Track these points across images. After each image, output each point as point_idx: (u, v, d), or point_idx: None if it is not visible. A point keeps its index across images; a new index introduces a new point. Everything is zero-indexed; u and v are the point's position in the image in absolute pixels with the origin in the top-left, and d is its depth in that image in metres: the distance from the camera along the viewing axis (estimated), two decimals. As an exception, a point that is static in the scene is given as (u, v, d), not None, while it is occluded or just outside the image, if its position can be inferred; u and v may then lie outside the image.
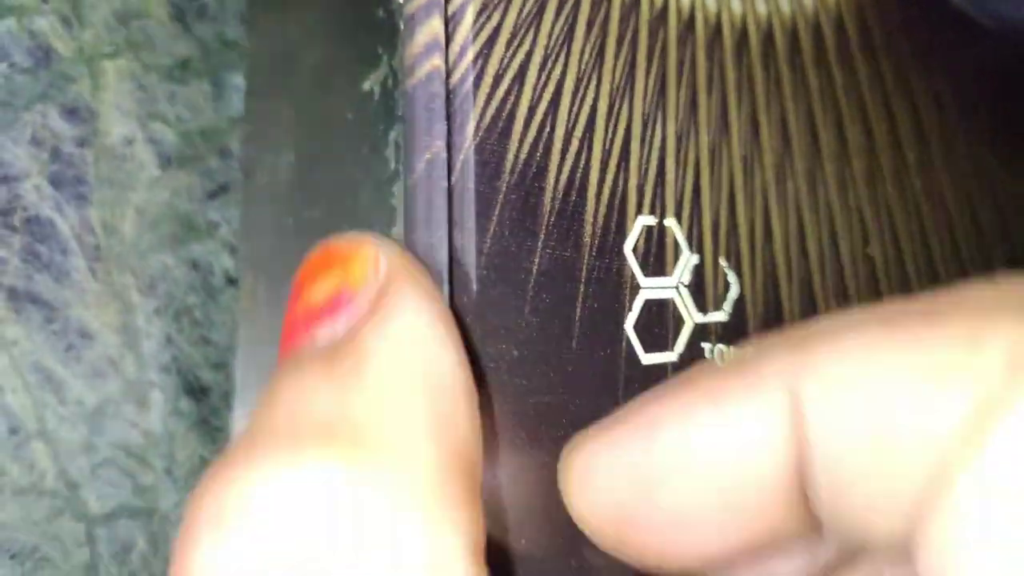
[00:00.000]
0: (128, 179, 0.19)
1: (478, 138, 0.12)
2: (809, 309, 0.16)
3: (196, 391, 0.19)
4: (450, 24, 0.12)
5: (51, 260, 0.17)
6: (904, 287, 0.19)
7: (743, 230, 0.15)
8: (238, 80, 0.20)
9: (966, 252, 0.21)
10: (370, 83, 0.14)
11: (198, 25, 0.20)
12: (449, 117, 0.11)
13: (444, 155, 0.11)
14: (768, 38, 0.17)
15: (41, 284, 0.17)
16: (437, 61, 0.12)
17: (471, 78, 0.12)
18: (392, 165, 0.14)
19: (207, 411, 0.19)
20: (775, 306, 0.16)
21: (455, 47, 0.12)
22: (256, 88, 0.19)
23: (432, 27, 0.12)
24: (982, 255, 0.22)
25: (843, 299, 0.17)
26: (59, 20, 0.18)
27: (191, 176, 0.20)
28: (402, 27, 0.12)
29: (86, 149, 0.18)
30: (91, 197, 0.18)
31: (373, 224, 0.14)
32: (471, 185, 0.11)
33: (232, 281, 0.20)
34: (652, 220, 0.14)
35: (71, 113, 0.18)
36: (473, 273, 0.11)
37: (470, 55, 0.12)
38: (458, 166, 0.11)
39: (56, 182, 0.18)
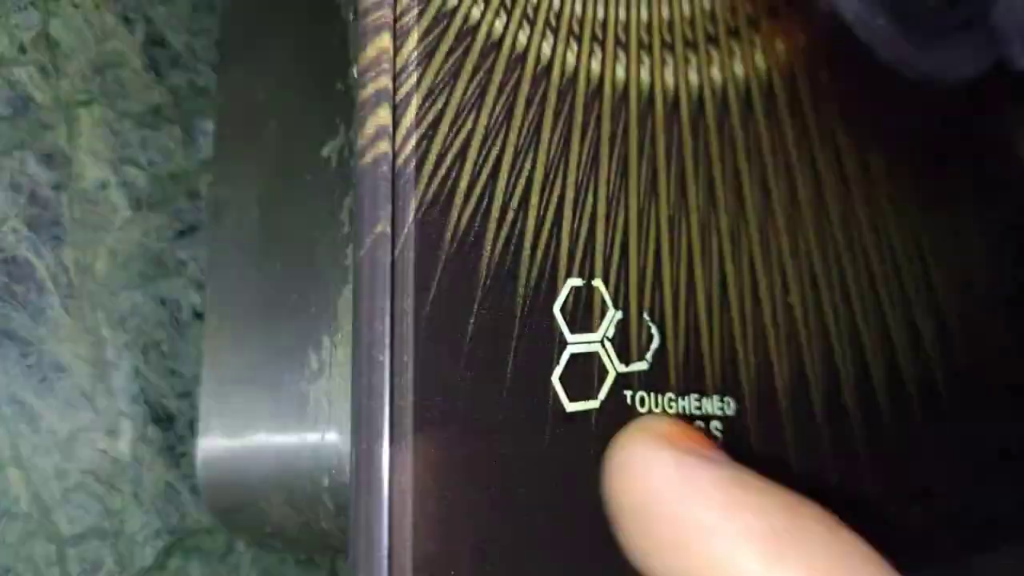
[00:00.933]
0: (101, 221, 0.20)
1: (419, 215, 0.13)
2: (729, 355, 0.18)
3: (163, 419, 0.20)
4: (397, 111, 0.13)
5: (27, 299, 0.18)
6: (823, 334, 0.21)
7: (667, 286, 0.17)
8: (208, 125, 0.22)
9: (887, 302, 0.23)
10: (328, 150, 0.16)
11: (171, 73, 0.21)
12: (394, 197, 0.13)
13: (389, 232, 0.13)
14: (699, 106, 0.19)
15: (17, 321, 0.18)
16: (384, 147, 0.13)
17: (414, 162, 0.13)
18: (346, 229, 0.16)
19: (173, 438, 0.20)
20: (696, 354, 0.17)
21: (401, 132, 0.13)
22: (225, 133, 0.20)
23: (380, 115, 0.13)
24: (903, 305, 0.24)
25: (763, 343, 0.19)
26: (37, 70, 0.19)
27: (161, 217, 0.21)
28: (357, 109, 0.14)
29: (62, 193, 0.19)
30: (66, 238, 0.19)
31: (327, 281, 0.15)
32: (411, 257, 0.13)
33: (199, 316, 0.21)
34: (580, 282, 0.15)
35: (48, 159, 0.19)
36: (411, 335, 0.13)
37: (413, 140, 0.13)
38: (401, 241, 0.13)
39: (33, 225, 0.19)
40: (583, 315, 0.15)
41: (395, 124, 0.13)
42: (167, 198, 0.21)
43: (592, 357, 0.15)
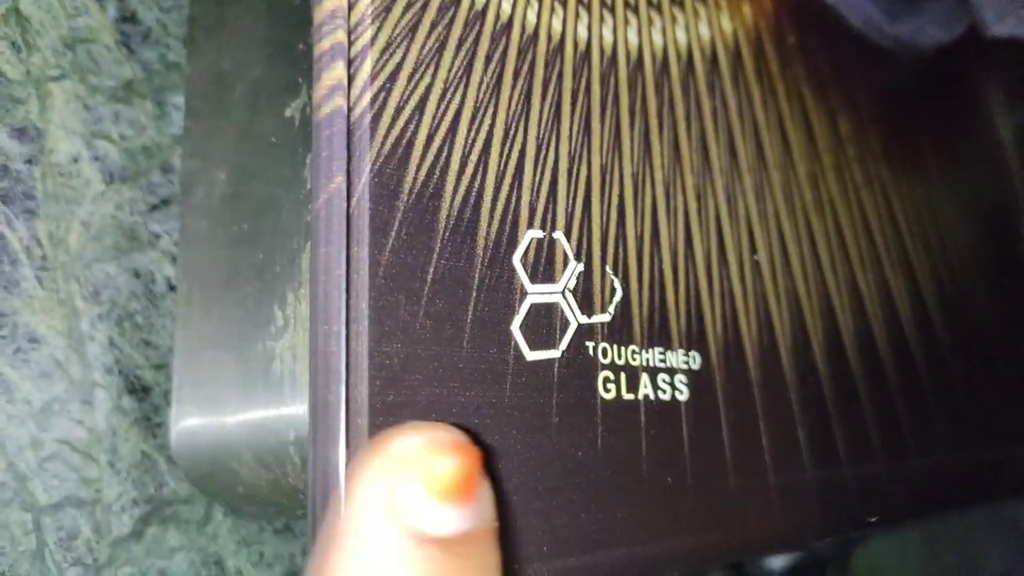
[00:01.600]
0: (74, 194, 0.20)
1: (376, 167, 0.13)
2: (696, 310, 0.18)
3: (138, 390, 0.20)
4: (352, 65, 0.13)
5: (1, 271, 0.19)
6: (792, 293, 0.21)
7: (631, 241, 0.17)
8: (179, 100, 0.22)
9: (857, 261, 0.23)
10: (291, 110, 0.16)
11: (142, 49, 0.21)
12: (349, 151, 0.13)
13: (344, 186, 0.13)
14: (663, 66, 0.19)
15: (-10, 292, 0.18)
16: (340, 101, 0.13)
17: (369, 116, 0.13)
18: (308, 186, 0.16)
19: (149, 409, 0.20)
20: (661, 309, 0.17)
21: (356, 87, 0.13)
22: (195, 108, 0.20)
23: (335, 70, 0.13)
24: (874, 264, 0.24)
25: (730, 300, 0.19)
26: (8, 45, 0.19)
27: (134, 191, 0.21)
28: (314, 64, 0.14)
29: (34, 166, 0.20)
30: (39, 211, 0.19)
31: (292, 238, 0.16)
32: (367, 208, 0.13)
33: (174, 288, 0.21)
34: (540, 233, 0.15)
35: (20, 133, 0.19)
36: (367, 283, 0.13)
37: (369, 95, 0.13)
38: (356, 194, 0.13)
39: (6, 198, 0.19)
40: (544, 267, 0.15)
41: (350, 79, 0.13)
42: (140, 172, 0.21)
43: (553, 308, 0.15)
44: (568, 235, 0.16)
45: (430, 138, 0.14)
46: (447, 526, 0.11)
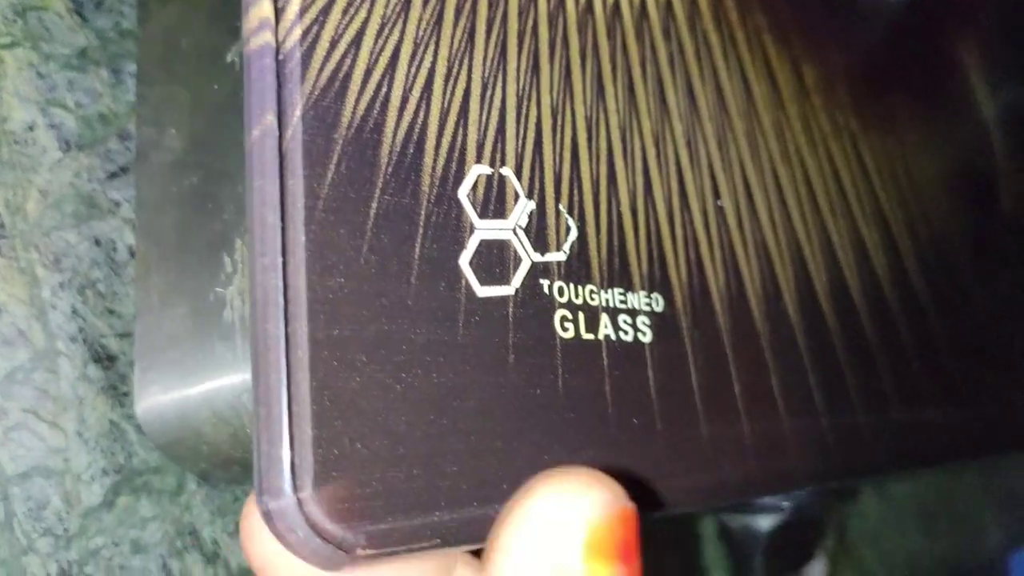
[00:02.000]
0: (30, 162, 0.20)
1: (310, 101, 0.13)
2: (658, 253, 0.18)
3: (103, 359, 0.20)
4: (279, 1, 0.13)
5: (-45, 238, 0.19)
6: (760, 241, 0.21)
7: (587, 183, 0.17)
8: (135, 67, 0.22)
9: (828, 211, 0.23)
10: (231, 54, 0.16)
11: (96, 17, 0.21)
12: (280, 84, 0.13)
13: (275, 123, 0.13)
14: (615, 10, 0.19)
15: (-54, 260, 0.18)
16: (268, 36, 0.13)
17: (300, 51, 0.13)
18: (250, 129, 0.16)
19: (115, 378, 0.20)
20: (620, 251, 0.17)
21: (285, 22, 0.13)
22: (145, 69, 0.20)
23: (263, 5, 0.13)
24: (846, 215, 0.24)
25: (695, 245, 0.19)
26: (-41, 16, 0.19)
27: (92, 158, 0.21)
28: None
29: (-12, 135, 0.19)
30: (-6, 179, 0.19)
31: (238, 183, 0.15)
32: (300, 141, 0.13)
33: (135, 256, 0.21)
34: (488, 169, 0.15)
35: (-28, 102, 0.19)
36: (303, 214, 0.13)
37: (299, 29, 0.13)
38: (291, 126, 0.13)
39: (-41, 166, 0.19)
40: (495, 204, 0.15)
41: (278, 13, 0.13)
42: (97, 139, 0.21)
43: (505, 245, 0.15)
44: (519, 174, 0.16)
45: (368, 73, 0.14)
46: None
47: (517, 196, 0.16)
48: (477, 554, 0.14)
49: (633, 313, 0.17)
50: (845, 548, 0.33)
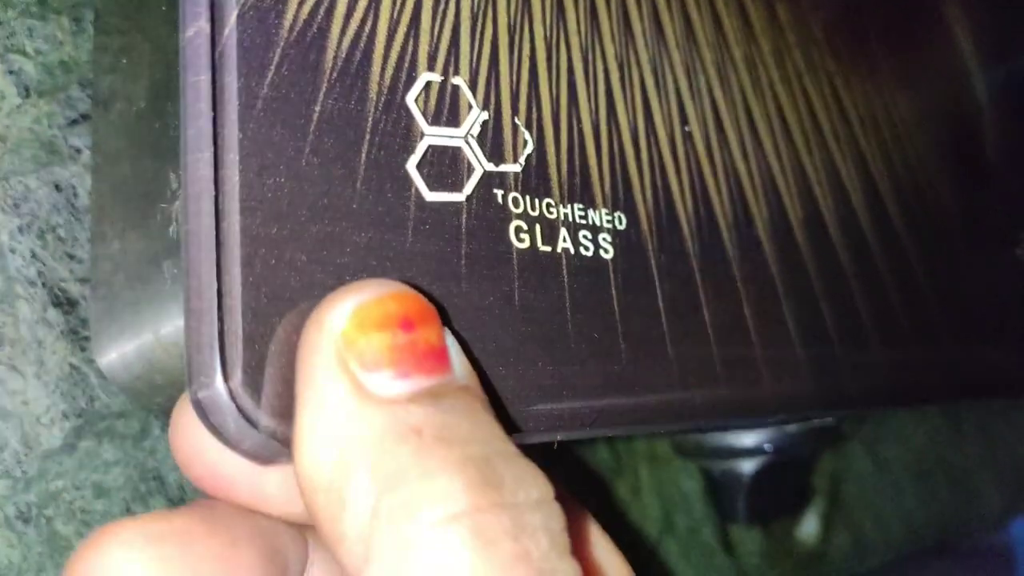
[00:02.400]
0: (-12, 107, 0.20)
1: (247, 6, 0.13)
2: (622, 174, 0.18)
3: (63, 303, 0.20)
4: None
5: (-91, 178, 0.18)
6: (732, 170, 0.20)
7: (546, 101, 0.17)
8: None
9: (802, 144, 0.23)
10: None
11: (54, -35, 0.21)
12: None
13: (208, 25, 0.12)
14: (574, -65, 0.19)
15: (-100, 201, 0.18)
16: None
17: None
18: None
19: (76, 322, 0.20)
20: (582, 168, 0.17)
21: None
22: (102, 23, 0.20)
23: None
24: (821, 149, 0.23)
25: (661, 169, 0.19)
26: (-88, -40, 0.19)
27: (52, 105, 0.21)
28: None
29: (-57, 78, 0.19)
30: (-51, 121, 0.19)
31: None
32: (236, 39, 0.13)
33: (98, 202, 0.21)
34: (438, 77, 0.15)
35: (-73, 45, 0.19)
36: (237, 111, 0.12)
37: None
38: (228, 26, 0.13)
39: (-87, 107, 0.19)
40: (447, 113, 0.15)
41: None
42: (58, 86, 0.21)
43: (456, 153, 0.15)
44: (473, 87, 0.15)
45: (312, -21, 0.14)
46: (425, 382, 0.11)
47: (470, 106, 0.15)
48: None
49: (594, 229, 0.17)
50: (838, 509, 0.33)
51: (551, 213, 0.16)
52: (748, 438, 0.23)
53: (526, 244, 0.15)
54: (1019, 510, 0.43)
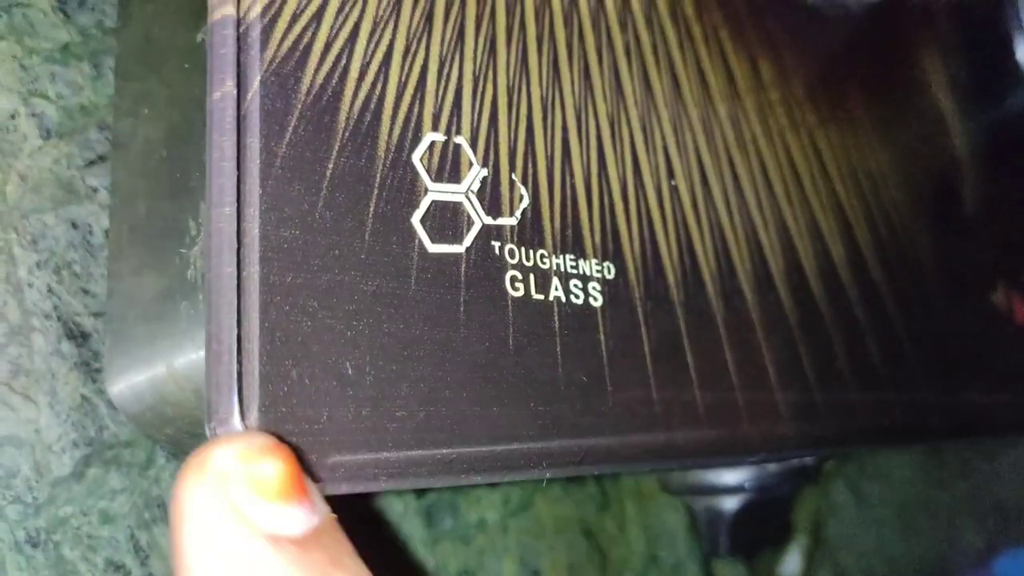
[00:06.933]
0: (11, 148, 0.21)
1: (271, 68, 0.14)
2: (612, 227, 0.19)
3: (77, 336, 0.21)
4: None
5: (-64, 215, 0.19)
6: (715, 222, 0.21)
7: (541, 158, 0.18)
8: (115, 62, 0.23)
9: (784, 198, 0.24)
10: (201, 34, 0.17)
11: (78, 14, 0.22)
12: (241, 52, 0.14)
13: (234, 91, 0.14)
14: (572, 1, 0.20)
15: (-74, 237, 0.19)
16: (230, 9, 0.14)
17: (261, 23, 0.14)
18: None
19: (88, 355, 0.21)
20: (574, 221, 0.18)
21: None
22: (122, 60, 0.21)
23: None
24: (802, 202, 0.25)
25: (648, 222, 0.20)
26: (-54, 9, 0.20)
27: (71, 146, 0.22)
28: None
29: (-29, 120, 0.20)
30: (-25, 162, 0.20)
31: (203, 150, 0.16)
32: (258, 103, 0.14)
33: (112, 239, 0.22)
34: (441, 136, 0.16)
35: (-43, 89, 0.20)
36: (259, 169, 0.13)
37: (259, 5, 0.14)
38: (251, 90, 0.14)
39: (-58, 148, 0.20)
40: (449, 170, 0.16)
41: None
42: (77, 128, 0.22)
43: (457, 207, 0.16)
44: (473, 145, 0.17)
45: (328, 46, 0.15)
46: (299, 525, 0.12)
47: (471, 164, 0.16)
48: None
49: (584, 279, 0.18)
50: (821, 546, 0.34)
51: (544, 263, 0.17)
52: (730, 476, 0.24)
53: (520, 292, 0.16)
54: (1001, 549, 0.44)
